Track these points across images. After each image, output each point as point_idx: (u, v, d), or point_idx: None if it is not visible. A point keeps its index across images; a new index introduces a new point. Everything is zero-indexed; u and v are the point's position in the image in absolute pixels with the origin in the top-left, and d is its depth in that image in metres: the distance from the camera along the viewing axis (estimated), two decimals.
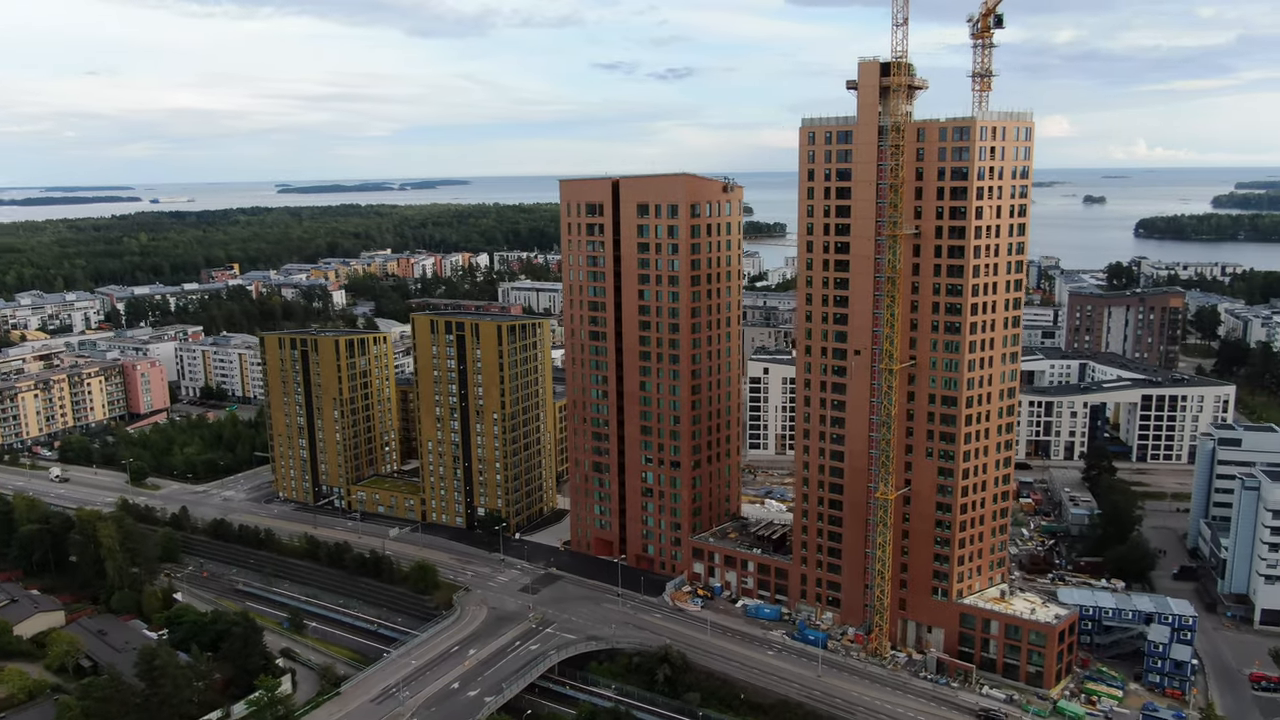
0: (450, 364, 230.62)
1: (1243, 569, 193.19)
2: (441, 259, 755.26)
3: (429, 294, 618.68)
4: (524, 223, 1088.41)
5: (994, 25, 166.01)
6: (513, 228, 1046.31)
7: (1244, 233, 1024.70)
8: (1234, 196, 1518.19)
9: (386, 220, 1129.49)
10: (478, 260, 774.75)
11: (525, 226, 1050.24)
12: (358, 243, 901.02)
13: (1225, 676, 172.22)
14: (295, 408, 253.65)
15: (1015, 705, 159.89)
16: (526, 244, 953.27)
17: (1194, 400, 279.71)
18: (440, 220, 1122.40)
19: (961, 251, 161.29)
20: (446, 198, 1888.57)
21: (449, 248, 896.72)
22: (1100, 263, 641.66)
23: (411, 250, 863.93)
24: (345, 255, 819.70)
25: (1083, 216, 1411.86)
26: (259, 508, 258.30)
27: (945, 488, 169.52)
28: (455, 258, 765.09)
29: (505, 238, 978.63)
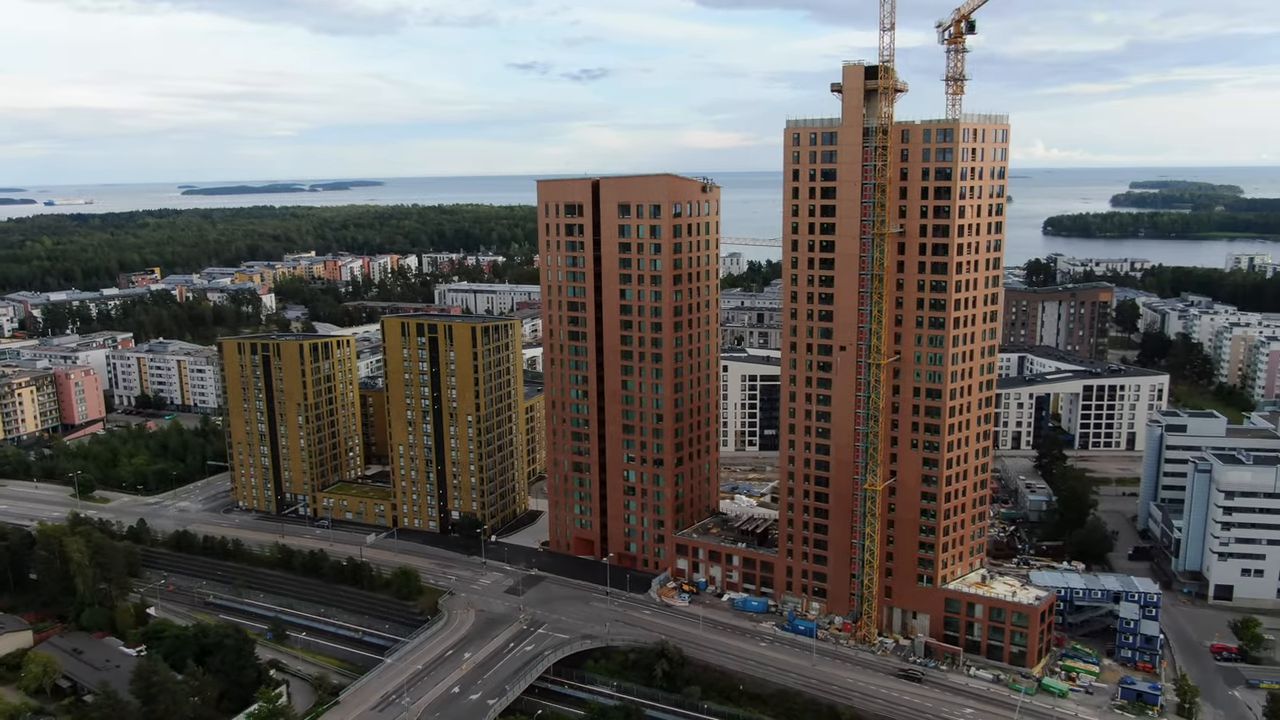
0: (422, 366, 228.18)
1: (1196, 547, 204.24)
2: (369, 261, 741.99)
3: (360, 297, 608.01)
4: (447, 224, 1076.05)
5: (966, 31, 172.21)
6: (437, 229, 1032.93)
7: (1144, 230, 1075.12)
8: (1130, 195, 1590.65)
9: (305, 222, 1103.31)
10: (406, 262, 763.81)
11: (450, 228, 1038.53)
12: (278, 245, 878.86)
13: (1189, 649, 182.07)
14: (256, 414, 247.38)
15: (1002, 685, 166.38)
16: (452, 245, 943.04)
17: (1131, 390, 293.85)
18: (361, 222, 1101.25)
19: (945, 249, 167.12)
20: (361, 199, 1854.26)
21: (373, 250, 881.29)
22: (1017, 260, 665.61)
23: (335, 252, 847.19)
24: (267, 258, 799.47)
25: None
26: (218, 518, 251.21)
27: (930, 477, 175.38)
28: (383, 260, 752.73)
29: (430, 239, 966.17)
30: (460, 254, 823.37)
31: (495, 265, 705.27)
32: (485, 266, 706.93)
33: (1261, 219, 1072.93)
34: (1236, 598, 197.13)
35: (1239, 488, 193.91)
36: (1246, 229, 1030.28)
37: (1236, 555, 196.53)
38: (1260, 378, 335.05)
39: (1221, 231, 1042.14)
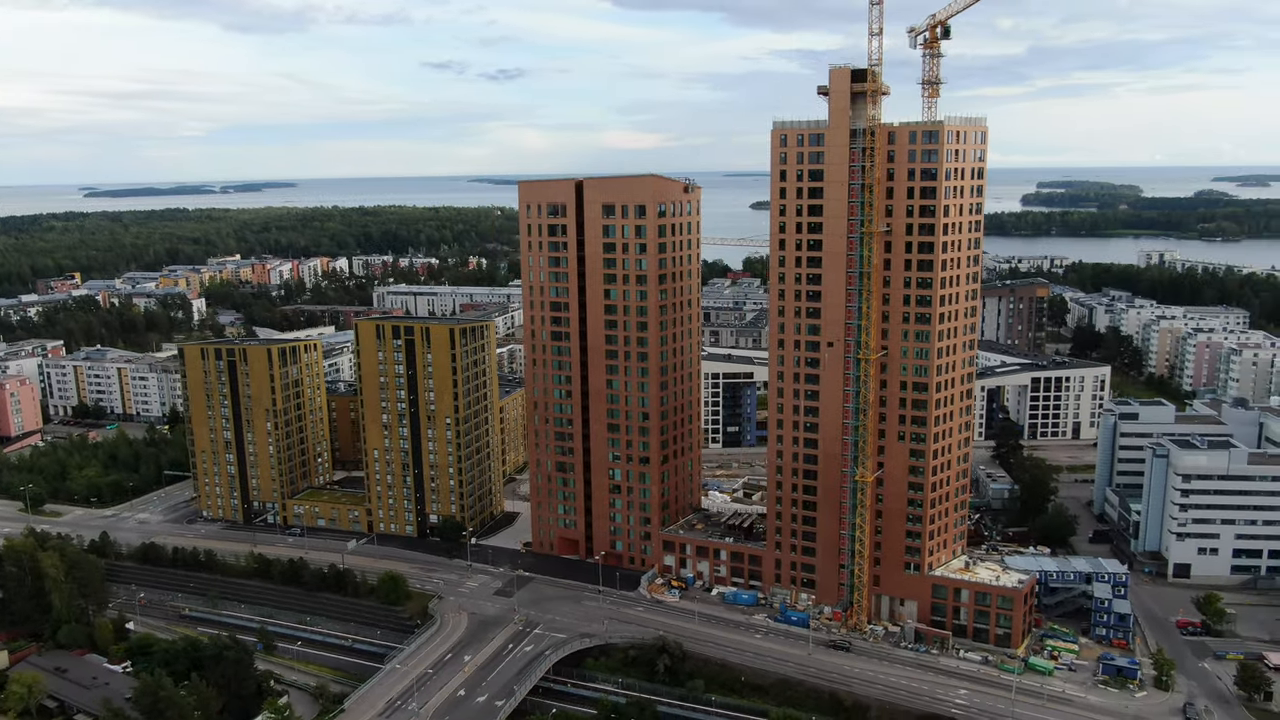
0: (399, 369, 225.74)
1: (1154, 529, 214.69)
2: (299, 264, 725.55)
3: (293, 300, 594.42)
4: (373, 226, 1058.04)
5: (941, 36, 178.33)
6: (363, 231, 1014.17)
7: (1055, 228, 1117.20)
8: (1039, 195, 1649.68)
9: (224, 225, 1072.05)
10: (337, 265, 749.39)
11: (376, 230, 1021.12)
12: (199, 249, 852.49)
13: (1155, 625, 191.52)
14: (221, 421, 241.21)
15: (991, 666, 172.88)
16: (380, 247, 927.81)
17: (1076, 381, 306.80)
18: (283, 224, 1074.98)
19: (931, 247, 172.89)
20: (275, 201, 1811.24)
21: (298, 252, 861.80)
22: None
23: (259, 255, 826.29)
24: (189, 262, 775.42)
25: None
26: (183, 529, 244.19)
27: (917, 468, 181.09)
28: (313, 262, 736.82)
29: (357, 241, 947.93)
30: (389, 256, 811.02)
31: (430, 267, 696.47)
32: (420, 269, 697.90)
33: (1164, 216, 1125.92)
34: (1194, 575, 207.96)
35: (1195, 471, 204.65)
36: (1150, 226, 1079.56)
37: (1193, 535, 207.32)
38: (1189, 367, 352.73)
39: (1127, 229, 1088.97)
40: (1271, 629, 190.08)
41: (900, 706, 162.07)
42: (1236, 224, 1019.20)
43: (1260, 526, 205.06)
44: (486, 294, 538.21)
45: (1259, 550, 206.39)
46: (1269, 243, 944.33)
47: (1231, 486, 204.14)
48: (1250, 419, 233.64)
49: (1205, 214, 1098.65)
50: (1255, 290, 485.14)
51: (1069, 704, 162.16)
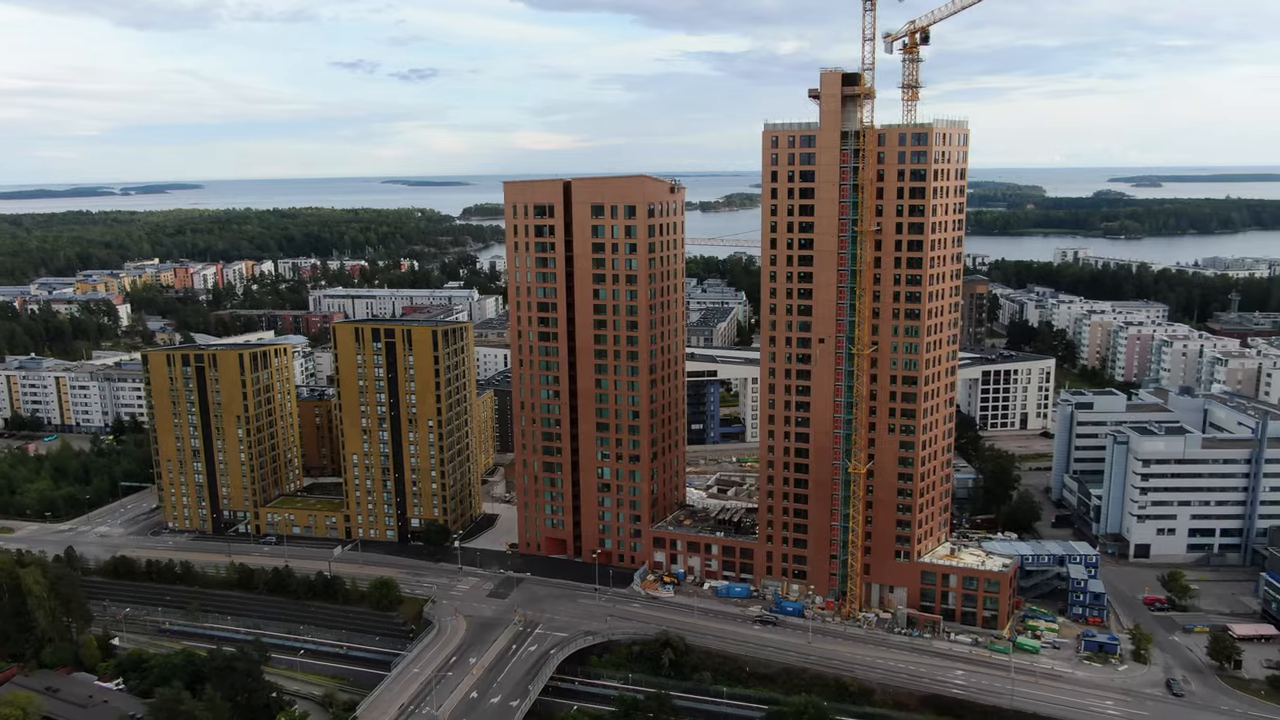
0: (378, 372, 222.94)
1: (1116, 512, 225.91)
2: (223, 268, 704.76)
3: (222, 305, 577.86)
4: (293, 228, 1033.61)
5: (921, 41, 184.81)
6: (283, 233, 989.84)
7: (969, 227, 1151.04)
8: None
9: (134, 228, 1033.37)
10: (263, 268, 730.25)
11: (297, 232, 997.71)
12: (113, 253, 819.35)
13: (1123, 603, 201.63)
14: (189, 429, 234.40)
15: (981, 647, 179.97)
16: (302, 250, 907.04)
17: (1023, 374, 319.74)
18: (198, 227, 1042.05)
19: (920, 245, 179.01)
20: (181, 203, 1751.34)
21: (216, 256, 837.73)
22: None
23: (176, 259, 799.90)
24: (103, 266, 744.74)
25: None
26: (149, 541, 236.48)
27: (906, 459, 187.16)
28: (238, 266, 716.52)
29: (279, 244, 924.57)
30: (314, 259, 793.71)
31: (363, 270, 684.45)
32: (353, 271, 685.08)
33: (1071, 215, 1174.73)
34: (1153, 555, 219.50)
35: (1154, 455, 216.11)
36: (1058, 225, 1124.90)
37: (1153, 516, 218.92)
38: (1120, 359, 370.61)
39: (1036, 228, 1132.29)
40: (1230, 603, 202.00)
41: (903, 689, 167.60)
42: (1138, 223, 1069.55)
43: (1213, 507, 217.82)
44: (428, 296, 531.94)
45: (1212, 529, 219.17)
46: (1168, 240, 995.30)
47: (1187, 470, 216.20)
48: (1196, 406, 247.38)
49: (1109, 213, 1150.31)
50: (1170, 285, 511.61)
51: (1059, 679, 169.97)
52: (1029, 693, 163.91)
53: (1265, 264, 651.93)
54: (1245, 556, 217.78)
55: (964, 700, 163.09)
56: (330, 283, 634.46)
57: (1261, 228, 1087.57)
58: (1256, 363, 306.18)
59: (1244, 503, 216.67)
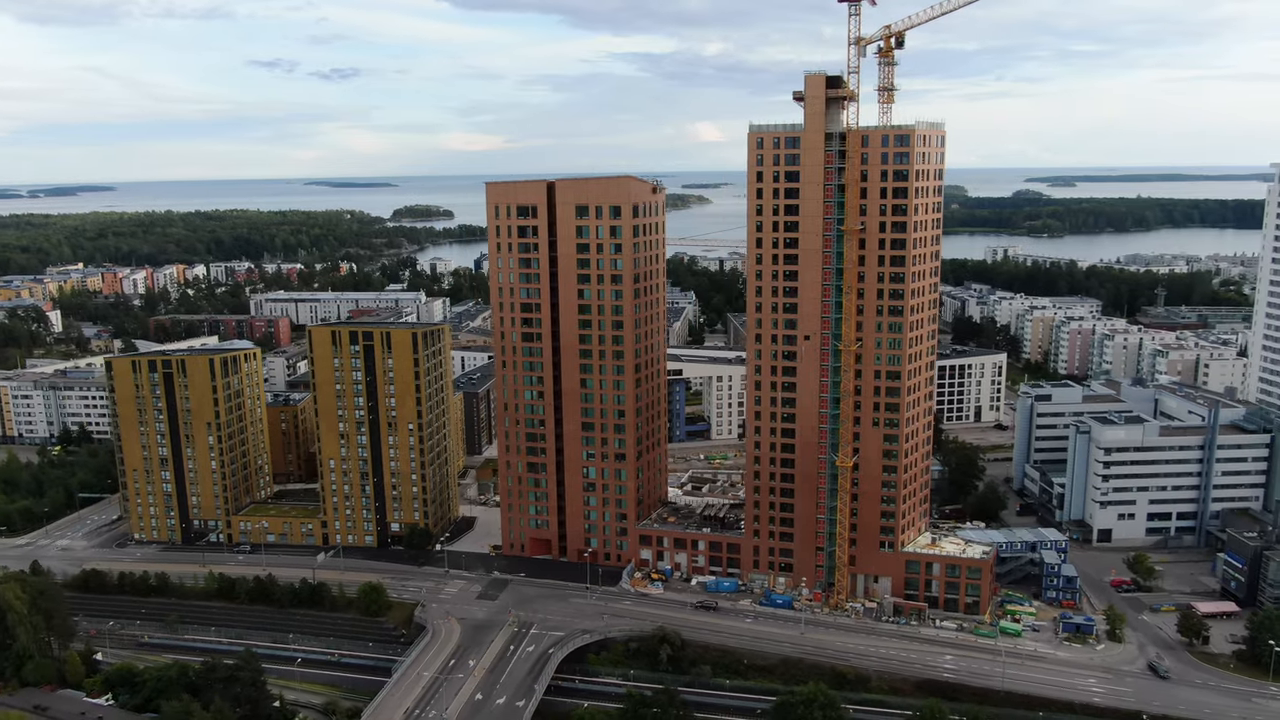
0: (356, 376, 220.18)
1: (1079, 499, 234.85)
2: (153, 272, 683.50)
3: (156, 311, 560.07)
4: (221, 231, 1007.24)
5: (896, 45, 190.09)
6: (211, 236, 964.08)
7: None
8: None
9: (52, 231, 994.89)
10: (195, 272, 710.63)
11: (226, 235, 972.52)
12: (30, 258, 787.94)
13: (1092, 586, 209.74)
14: (156, 437, 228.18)
15: (966, 632, 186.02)
16: (232, 253, 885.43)
17: (977, 368, 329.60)
18: (120, 230, 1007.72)
19: (903, 244, 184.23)
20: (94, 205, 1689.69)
21: (142, 259, 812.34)
22: None
23: (99, 263, 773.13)
24: (22, 271, 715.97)
25: None
26: (116, 553, 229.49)
27: (890, 451, 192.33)
28: (169, 270, 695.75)
29: (207, 247, 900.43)
30: (245, 262, 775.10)
31: (301, 273, 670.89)
32: (290, 274, 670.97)
33: (994, 215, 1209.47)
34: (1115, 539, 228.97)
35: (1115, 444, 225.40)
36: (983, 224, 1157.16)
37: (1114, 503, 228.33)
38: (1063, 352, 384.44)
39: (963, 227, 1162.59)
40: (1190, 583, 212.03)
41: (897, 675, 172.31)
42: (1059, 221, 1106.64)
43: (1169, 492, 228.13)
44: (373, 299, 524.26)
45: (1169, 513, 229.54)
46: (1088, 238, 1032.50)
47: (1146, 457, 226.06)
48: (1147, 396, 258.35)
49: (1031, 212, 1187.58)
50: (1100, 281, 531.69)
51: (1043, 660, 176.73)
52: (1017, 674, 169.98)
53: (1183, 260, 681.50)
54: (1200, 538, 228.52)
55: (957, 684, 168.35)
56: (268, 286, 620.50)
57: (1173, 225, 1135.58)
58: (1195, 354, 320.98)
59: (1198, 487, 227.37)
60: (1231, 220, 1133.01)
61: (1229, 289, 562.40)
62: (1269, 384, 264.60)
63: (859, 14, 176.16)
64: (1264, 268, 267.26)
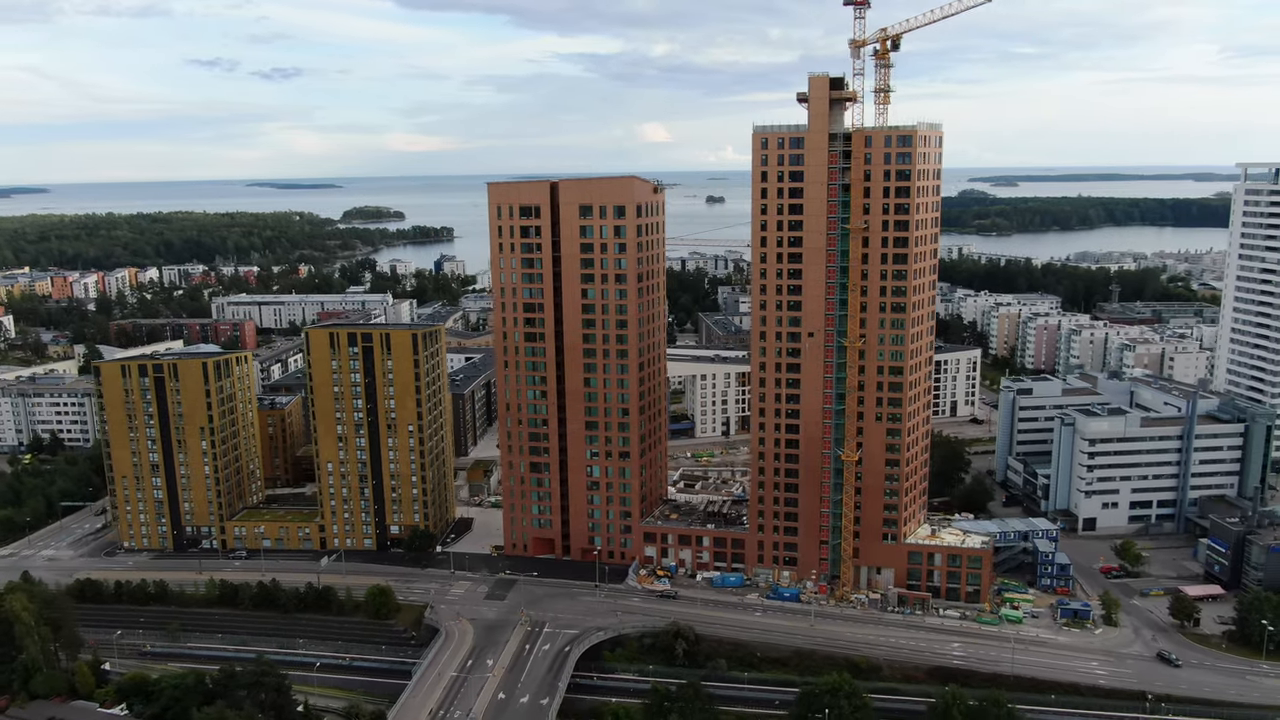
0: (355, 378, 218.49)
1: (1064, 489, 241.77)
2: (104, 276, 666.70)
3: (111, 315, 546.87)
4: (169, 233, 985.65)
5: (891, 48, 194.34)
6: (159, 239, 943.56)
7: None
8: None
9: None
10: (148, 276, 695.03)
11: (175, 237, 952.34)
12: None
13: (1082, 572, 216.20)
14: (147, 443, 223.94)
15: (969, 620, 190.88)
16: (183, 255, 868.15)
17: (953, 364, 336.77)
18: (64, 233, 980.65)
19: (905, 242, 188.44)
20: (29, 208, 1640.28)
21: (89, 263, 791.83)
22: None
23: (43, 267, 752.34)
24: None
25: (713, 214, 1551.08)
26: (106, 562, 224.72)
27: (893, 445, 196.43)
28: (121, 274, 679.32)
29: (156, 250, 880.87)
30: (198, 265, 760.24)
31: (260, 276, 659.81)
32: (248, 277, 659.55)
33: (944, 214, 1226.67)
34: (1099, 527, 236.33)
35: (1099, 435, 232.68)
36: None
37: (1098, 492, 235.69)
38: (1030, 347, 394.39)
39: None
40: (1175, 568, 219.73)
41: (908, 663, 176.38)
42: (1006, 220, 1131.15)
43: (1150, 480, 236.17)
44: (340, 302, 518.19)
45: (1149, 501, 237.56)
46: (1034, 236, 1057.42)
47: (1128, 447, 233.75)
48: (1123, 389, 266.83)
49: (980, 211, 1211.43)
50: (1057, 279, 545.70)
51: (1046, 645, 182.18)
52: (1023, 659, 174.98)
53: (1130, 257, 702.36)
54: (1179, 525, 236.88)
55: (966, 670, 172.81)
56: (226, 289, 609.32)
57: (1115, 224, 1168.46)
58: (1160, 348, 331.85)
59: (1177, 475, 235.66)
60: (1170, 218, 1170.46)
61: (1177, 285, 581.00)
62: (1236, 375, 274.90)
63: (864, 17, 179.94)
64: (1230, 265, 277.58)
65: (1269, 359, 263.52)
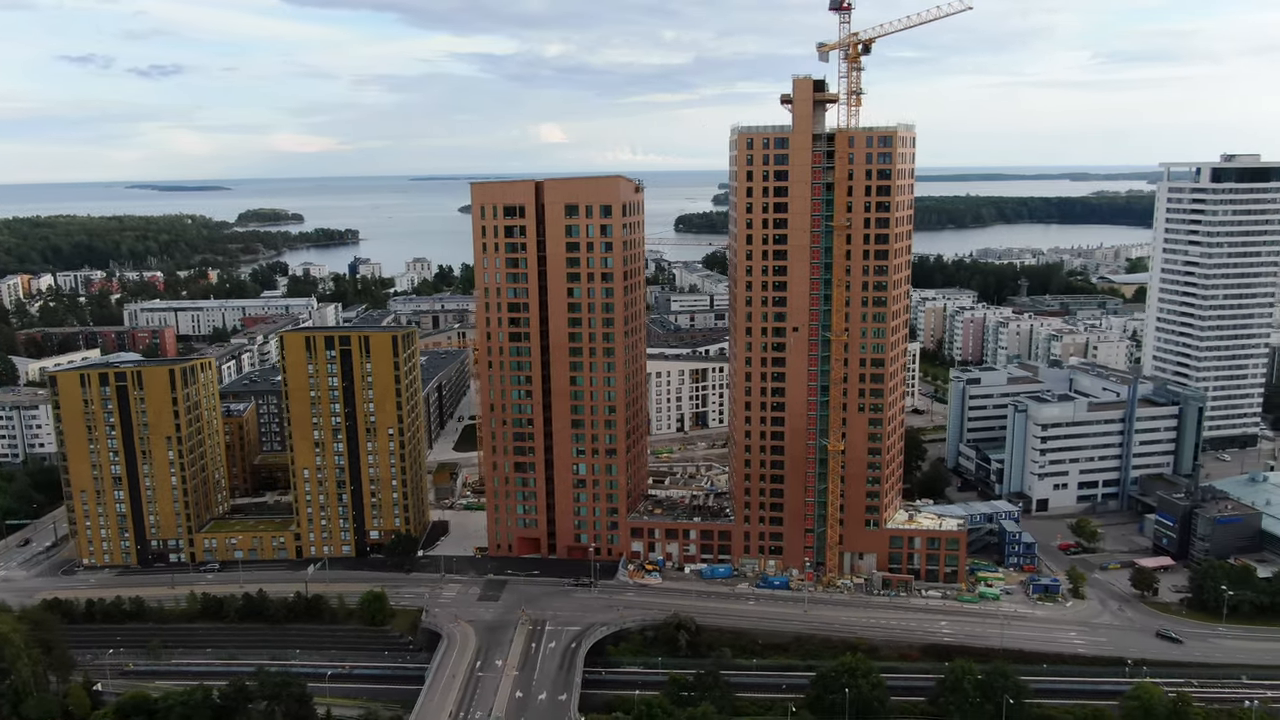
0: (332, 382, 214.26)
1: (1018, 472, 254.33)
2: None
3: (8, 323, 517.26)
4: (55, 237, 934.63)
5: (862, 52, 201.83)
6: (45, 243, 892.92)
7: None
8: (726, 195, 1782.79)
9: None
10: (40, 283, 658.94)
11: (63, 242, 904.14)
12: None
13: (1044, 550, 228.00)
14: (108, 455, 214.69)
15: (951, 599, 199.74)
16: (73, 261, 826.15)
17: None
18: None
19: (886, 238, 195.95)
20: None
21: None
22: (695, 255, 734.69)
23: None
24: None
25: None
26: (66, 581, 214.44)
27: (875, 434, 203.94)
28: (12, 280, 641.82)
29: (44, 255, 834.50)
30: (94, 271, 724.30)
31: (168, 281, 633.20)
32: (154, 282, 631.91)
33: None
34: (1051, 508, 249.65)
35: (1051, 420, 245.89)
36: None
37: (1050, 474, 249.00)
38: (958, 340, 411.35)
39: None
40: (1125, 542, 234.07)
41: (903, 642, 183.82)
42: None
43: (1096, 462, 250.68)
44: (262, 306, 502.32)
45: (1095, 481, 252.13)
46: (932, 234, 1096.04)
47: (1077, 431, 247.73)
48: (1062, 376, 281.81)
49: None
50: (970, 274, 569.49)
51: (1025, 619, 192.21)
52: (1009, 633, 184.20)
53: (1029, 253, 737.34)
54: (1123, 502, 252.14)
55: (958, 645, 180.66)
56: (131, 295, 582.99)
57: (1006, 221, 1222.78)
58: (1084, 337, 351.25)
59: (1120, 456, 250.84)
60: (1056, 216, 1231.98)
61: (1077, 279, 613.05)
62: (1162, 361, 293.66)
63: (849, 21, 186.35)
64: (1155, 259, 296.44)
65: (1193, 345, 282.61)
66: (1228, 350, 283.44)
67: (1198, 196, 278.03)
